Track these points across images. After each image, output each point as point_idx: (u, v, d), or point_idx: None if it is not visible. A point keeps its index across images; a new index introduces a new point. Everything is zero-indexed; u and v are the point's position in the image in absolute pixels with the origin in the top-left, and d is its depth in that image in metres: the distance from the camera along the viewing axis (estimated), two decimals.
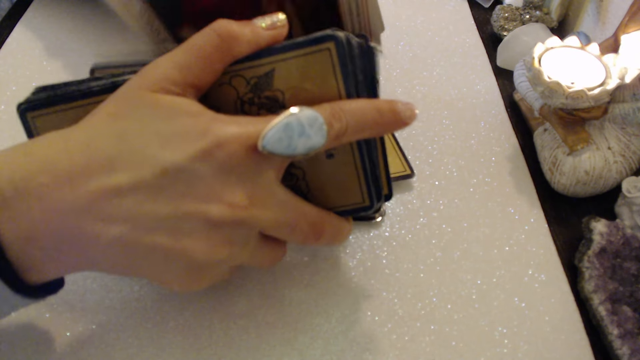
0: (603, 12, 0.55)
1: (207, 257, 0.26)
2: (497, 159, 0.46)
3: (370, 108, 0.28)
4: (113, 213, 0.24)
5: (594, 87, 0.39)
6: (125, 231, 0.24)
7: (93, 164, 0.24)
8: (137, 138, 0.25)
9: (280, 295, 0.36)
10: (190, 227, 0.25)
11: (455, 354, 0.34)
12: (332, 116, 0.26)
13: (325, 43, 0.27)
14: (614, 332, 0.34)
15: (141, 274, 0.27)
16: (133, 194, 0.24)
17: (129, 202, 0.24)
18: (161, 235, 0.25)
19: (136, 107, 0.26)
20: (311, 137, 0.25)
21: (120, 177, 0.24)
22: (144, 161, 0.25)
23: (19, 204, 0.23)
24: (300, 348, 0.34)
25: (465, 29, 0.61)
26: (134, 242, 0.25)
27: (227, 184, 0.25)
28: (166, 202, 0.25)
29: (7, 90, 0.49)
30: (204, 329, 0.34)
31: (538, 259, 0.39)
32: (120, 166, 0.24)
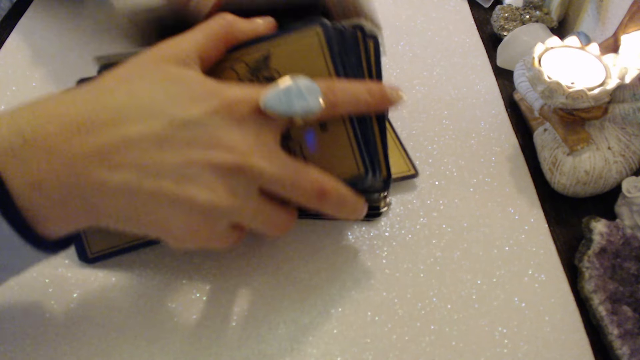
0: (603, 12, 0.55)
1: (209, 203, 0.26)
2: (497, 159, 0.46)
3: (362, 88, 0.31)
4: (120, 161, 0.25)
5: (594, 87, 0.39)
6: (132, 177, 0.25)
7: (101, 116, 0.25)
8: (147, 95, 0.26)
9: (280, 295, 0.36)
10: (194, 173, 0.26)
11: (455, 354, 0.34)
12: (327, 88, 0.29)
13: (313, 27, 0.31)
14: (614, 332, 0.34)
15: (144, 222, 0.27)
16: (140, 144, 0.25)
17: (136, 151, 0.25)
18: (166, 181, 0.26)
19: (146, 71, 0.27)
20: (308, 101, 0.28)
21: (129, 128, 0.25)
22: (153, 114, 0.26)
23: (27, 153, 0.24)
24: (300, 348, 0.34)
25: (465, 29, 0.61)
26: (140, 188, 0.26)
27: (231, 135, 0.27)
28: (172, 151, 0.26)
29: (7, 90, 0.49)
30: (204, 328, 0.34)
31: (538, 259, 0.39)
32: (128, 118, 0.26)
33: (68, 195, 0.25)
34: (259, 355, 0.33)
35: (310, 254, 0.38)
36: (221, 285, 0.36)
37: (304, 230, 0.40)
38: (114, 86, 0.27)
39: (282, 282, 0.37)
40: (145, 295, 0.36)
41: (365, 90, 0.31)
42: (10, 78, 0.50)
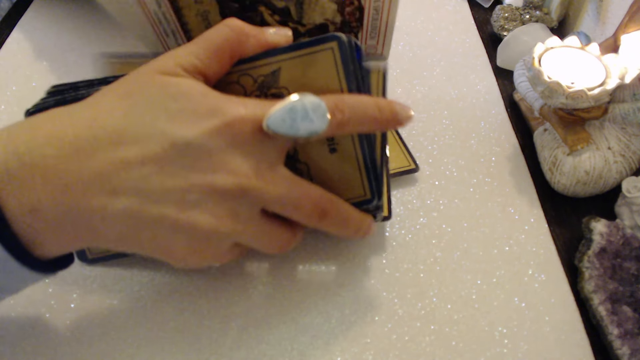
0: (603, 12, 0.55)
1: (212, 228, 0.26)
2: (497, 159, 0.47)
3: (372, 104, 0.29)
4: (120, 186, 0.25)
5: (594, 87, 0.39)
6: (132, 203, 0.25)
7: (100, 138, 0.25)
8: (146, 114, 0.26)
9: (280, 295, 0.36)
10: (196, 199, 0.26)
11: (455, 354, 0.34)
12: (334, 106, 0.28)
13: (328, 43, 0.29)
14: (614, 332, 0.34)
15: (145, 246, 0.27)
16: (141, 167, 0.25)
17: (137, 175, 0.25)
18: (168, 207, 0.25)
19: (145, 86, 0.26)
20: (314, 122, 0.27)
21: (128, 150, 0.25)
22: (153, 135, 0.25)
23: (24, 176, 0.23)
24: (300, 348, 0.34)
25: (465, 29, 0.61)
26: (140, 213, 0.25)
27: (232, 157, 0.26)
28: (173, 174, 0.25)
29: (7, 90, 0.49)
30: (204, 329, 0.34)
31: (538, 259, 0.39)
32: (128, 140, 0.25)
33: (65, 220, 0.24)
34: (258, 355, 0.33)
35: (310, 253, 0.38)
36: (221, 285, 0.36)
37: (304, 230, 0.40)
38: (113, 104, 0.26)
39: (282, 282, 0.37)
40: (145, 295, 0.36)
41: (375, 106, 0.29)
42: (10, 78, 0.50)
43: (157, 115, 0.25)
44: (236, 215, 0.27)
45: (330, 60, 0.29)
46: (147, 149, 0.25)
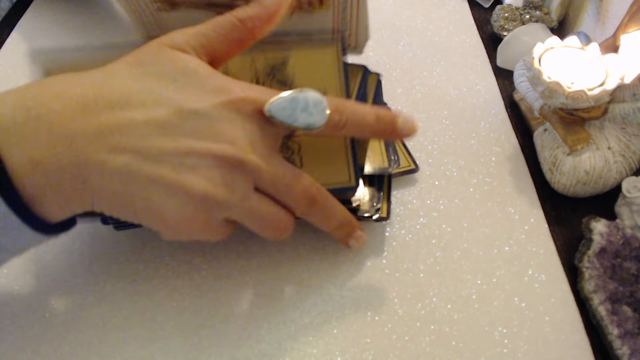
0: (603, 12, 0.55)
1: (206, 193, 0.26)
2: (497, 159, 0.47)
3: (371, 114, 0.31)
4: (121, 143, 0.25)
5: (594, 87, 0.39)
6: (131, 161, 0.25)
7: (107, 98, 0.25)
8: (155, 82, 0.27)
9: (280, 295, 0.36)
10: (193, 163, 0.26)
11: (455, 354, 0.34)
12: (335, 107, 0.29)
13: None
14: (614, 332, 0.34)
15: (139, 207, 0.27)
16: (144, 128, 0.25)
17: (139, 135, 0.25)
18: (165, 168, 0.26)
19: (156, 58, 0.27)
20: (312, 115, 0.28)
21: (134, 112, 0.26)
22: (160, 101, 0.26)
23: (29, 129, 0.24)
24: (300, 348, 0.34)
25: (465, 29, 0.61)
26: (138, 171, 0.26)
27: (234, 130, 0.27)
28: (174, 138, 0.26)
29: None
30: (204, 329, 0.34)
31: (538, 259, 0.39)
32: (135, 102, 0.26)
33: (65, 175, 0.25)
34: (258, 355, 0.33)
35: (310, 253, 0.38)
36: (221, 285, 0.36)
37: (304, 230, 0.40)
38: (124, 70, 0.27)
39: (282, 282, 0.37)
40: (145, 295, 0.36)
41: (374, 116, 0.31)
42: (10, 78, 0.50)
43: (166, 85, 0.27)
44: (231, 186, 0.27)
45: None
46: (152, 112, 0.26)
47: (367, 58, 0.56)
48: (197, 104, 0.26)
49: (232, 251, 0.38)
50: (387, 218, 0.39)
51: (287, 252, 0.38)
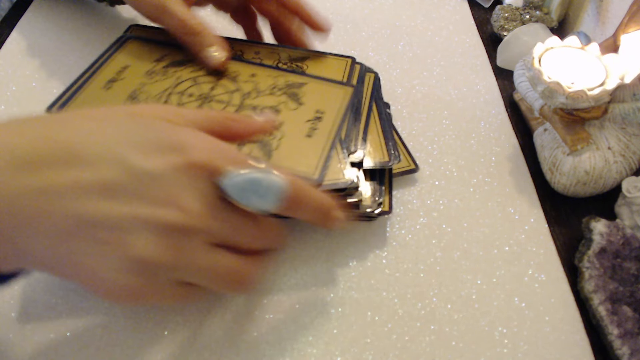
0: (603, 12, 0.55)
1: (143, 257, 0.25)
2: (497, 159, 0.47)
3: (325, 204, 0.30)
4: (62, 206, 0.24)
5: (594, 87, 0.39)
6: (70, 224, 0.24)
7: (53, 153, 0.24)
8: (107, 136, 0.25)
9: (280, 294, 0.36)
10: (139, 228, 0.25)
11: (455, 354, 0.34)
12: (293, 194, 0.28)
13: (347, 85, 0.41)
14: (614, 332, 0.34)
15: (75, 271, 0.25)
16: (89, 192, 0.24)
17: (82, 199, 0.24)
18: (104, 232, 0.24)
19: (114, 112, 0.26)
20: (265, 201, 0.27)
21: (80, 172, 0.24)
22: (110, 159, 0.24)
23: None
24: (300, 347, 0.34)
25: (465, 29, 0.61)
26: (76, 235, 0.24)
27: (184, 194, 0.25)
28: (123, 203, 0.24)
29: (7, 90, 0.49)
30: (204, 329, 0.34)
31: (538, 259, 0.39)
32: (82, 160, 0.24)
33: (2, 225, 0.23)
34: (258, 355, 0.33)
35: (310, 254, 0.38)
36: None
37: (304, 229, 0.40)
38: (74, 121, 0.25)
39: (281, 282, 0.37)
40: None
41: (327, 206, 0.30)
42: (10, 78, 0.50)
43: (119, 140, 0.25)
44: (175, 249, 0.25)
45: (342, 97, 0.40)
46: (100, 173, 0.24)
47: (368, 58, 0.56)
48: (151, 164, 0.25)
49: None
50: (389, 212, 0.39)
51: (287, 252, 0.38)
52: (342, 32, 0.59)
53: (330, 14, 0.61)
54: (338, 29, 0.59)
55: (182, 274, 0.27)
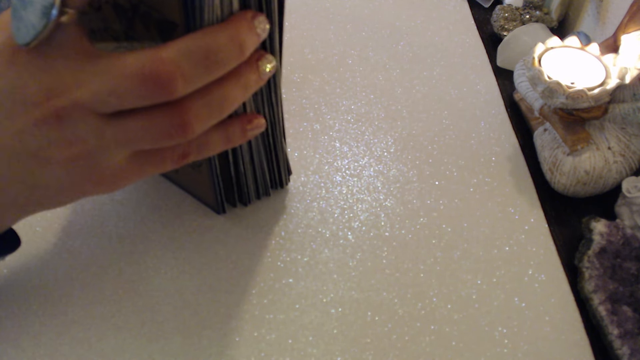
0: (603, 12, 0.55)
1: (67, 157, 0.25)
2: (497, 159, 0.47)
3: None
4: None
5: (594, 87, 0.39)
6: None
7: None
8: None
9: (280, 294, 0.36)
10: (36, 141, 0.24)
11: (455, 354, 0.34)
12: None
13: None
14: (614, 332, 0.34)
15: (47, 194, 0.26)
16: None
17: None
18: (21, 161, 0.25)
19: None
20: (33, 2, 0.22)
21: None
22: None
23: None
24: (300, 348, 0.34)
25: (465, 29, 0.61)
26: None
27: (25, 90, 0.24)
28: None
29: None
30: (204, 329, 0.34)
31: (538, 259, 0.39)
32: None
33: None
34: (259, 356, 0.33)
35: (309, 254, 0.38)
36: (221, 286, 0.36)
37: (304, 230, 0.40)
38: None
39: (282, 282, 0.37)
40: (145, 296, 0.36)
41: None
42: None
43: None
44: (78, 138, 0.24)
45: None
46: None
47: (368, 58, 0.56)
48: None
49: (232, 252, 0.38)
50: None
51: (286, 252, 0.38)
52: (342, 32, 0.59)
53: (331, 14, 0.61)
54: (338, 29, 0.59)
55: (113, 153, 0.26)
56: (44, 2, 0.22)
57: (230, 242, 0.39)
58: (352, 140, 0.47)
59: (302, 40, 0.57)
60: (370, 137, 0.48)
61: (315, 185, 0.43)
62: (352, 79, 0.53)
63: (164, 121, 0.25)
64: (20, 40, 0.23)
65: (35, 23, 0.22)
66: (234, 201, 0.40)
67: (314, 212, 0.41)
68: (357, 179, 0.44)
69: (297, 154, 0.45)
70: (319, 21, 0.60)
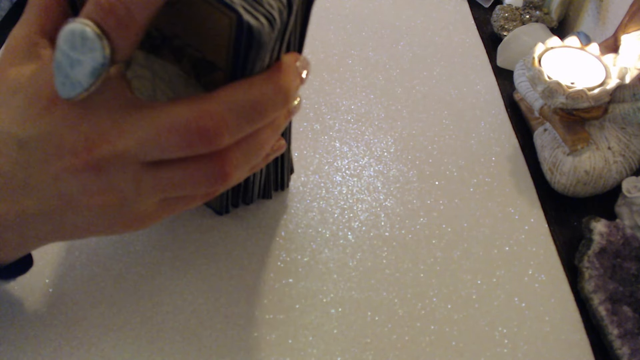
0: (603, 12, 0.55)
1: (98, 207, 0.25)
2: (497, 159, 0.47)
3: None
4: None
5: (594, 87, 0.39)
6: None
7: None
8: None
9: (280, 294, 0.36)
10: (67, 187, 0.24)
11: (455, 354, 0.34)
12: (101, 11, 0.20)
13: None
14: (614, 332, 0.34)
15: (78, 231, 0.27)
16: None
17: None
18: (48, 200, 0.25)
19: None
20: (82, 61, 0.21)
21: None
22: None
23: None
24: (300, 347, 0.34)
25: (465, 29, 0.61)
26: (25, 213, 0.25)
27: (68, 135, 0.23)
28: (32, 171, 0.24)
29: None
30: (204, 329, 0.34)
31: (538, 259, 0.39)
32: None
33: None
34: (259, 356, 0.33)
35: (309, 254, 0.38)
36: (221, 286, 0.36)
37: (304, 230, 0.40)
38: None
39: (282, 282, 0.37)
40: (145, 296, 0.36)
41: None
42: None
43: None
44: (112, 187, 0.24)
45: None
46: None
47: (368, 58, 0.56)
48: (28, 127, 0.24)
49: (233, 251, 0.38)
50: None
51: (287, 252, 0.38)
52: (342, 32, 0.59)
53: (330, 14, 0.61)
54: (338, 29, 0.59)
55: (145, 202, 0.25)
56: (94, 63, 0.21)
57: (230, 242, 0.39)
58: (352, 140, 0.47)
59: None
60: (370, 137, 0.48)
61: (315, 185, 0.43)
62: (352, 79, 0.53)
63: (204, 172, 0.25)
64: (64, 94, 0.22)
65: (82, 82, 0.21)
66: (237, 203, 0.40)
67: (314, 212, 0.41)
68: (357, 179, 0.44)
69: (297, 154, 0.45)
70: (319, 21, 0.60)
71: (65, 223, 0.26)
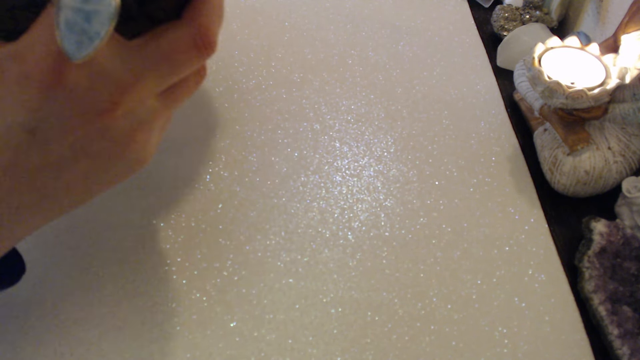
0: (603, 12, 0.55)
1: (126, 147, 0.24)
2: (497, 159, 0.47)
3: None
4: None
5: (594, 87, 0.39)
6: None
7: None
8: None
9: (280, 294, 0.36)
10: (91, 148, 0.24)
11: (455, 354, 0.34)
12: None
13: None
14: (614, 332, 0.34)
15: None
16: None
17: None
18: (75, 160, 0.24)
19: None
20: (99, 11, 0.21)
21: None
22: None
23: None
24: (300, 347, 0.34)
25: (465, 29, 0.61)
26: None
27: (83, 104, 0.23)
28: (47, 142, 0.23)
29: None
30: (204, 328, 0.34)
31: (538, 259, 0.39)
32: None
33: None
34: (259, 356, 0.33)
35: (309, 254, 0.38)
36: (221, 286, 0.36)
37: (304, 230, 0.40)
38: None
39: (282, 282, 0.37)
40: (145, 295, 0.36)
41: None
42: None
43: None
44: (137, 119, 0.24)
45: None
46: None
47: (368, 58, 0.56)
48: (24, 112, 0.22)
49: (233, 251, 0.38)
50: None
51: (287, 253, 0.38)
52: (342, 32, 0.59)
53: (331, 14, 0.61)
54: (338, 29, 0.59)
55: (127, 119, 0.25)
56: (110, 8, 0.21)
57: (229, 240, 0.39)
58: (352, 140, 0.47)
59: (302, 40, 0.57)
60: (370, 137, 0.48)
61: (315, 185, 0.43)
62: (352, 79, 0.53)
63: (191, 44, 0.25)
64: (80, 54, 0.22)
65: (101, 32, 0.21)
66: None
67: (314, 212, 0.41)
68: (357, 179, 0.44)
69: (297, 154, 0.45)
70: (319, 21, 0.60)
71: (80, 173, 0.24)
